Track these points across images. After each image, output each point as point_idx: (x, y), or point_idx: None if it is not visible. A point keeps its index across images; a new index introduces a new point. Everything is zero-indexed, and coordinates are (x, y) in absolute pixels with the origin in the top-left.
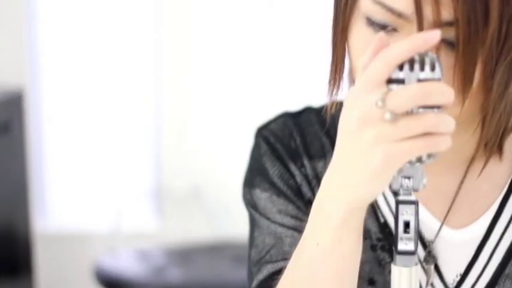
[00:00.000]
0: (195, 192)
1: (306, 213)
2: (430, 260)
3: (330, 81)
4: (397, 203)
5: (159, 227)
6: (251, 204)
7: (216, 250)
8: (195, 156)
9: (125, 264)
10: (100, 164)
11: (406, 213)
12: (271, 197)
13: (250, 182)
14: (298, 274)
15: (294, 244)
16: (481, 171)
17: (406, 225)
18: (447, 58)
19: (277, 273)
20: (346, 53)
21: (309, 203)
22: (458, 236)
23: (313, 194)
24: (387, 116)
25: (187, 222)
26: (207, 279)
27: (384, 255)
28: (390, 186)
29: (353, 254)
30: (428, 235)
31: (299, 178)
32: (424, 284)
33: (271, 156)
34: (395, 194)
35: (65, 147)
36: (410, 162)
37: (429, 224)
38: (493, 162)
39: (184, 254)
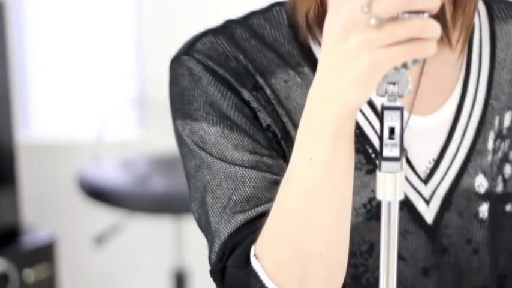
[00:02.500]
0: None
1: (264, 144)
2: (402, 152)
3: None
4: (382, 109)
5: (142, 136)
6: (194, 140)
7: None
8: None
9: (109, 174)
10: (83, 73)
11: (391, 120)
12: (223, 131)
13: (188, 115)
14: (292, 200)
15: (257, 187)
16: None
17: (391, 131)
18: None
19: (249, 223)
20: None
21: (267, 130)
22: (428, 122)
23: (275, 117)
24: (372, 21)
25: (170, 132)
26: None
27: (359, 157)
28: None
29: (347, 168)
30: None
31: (255, 103)
32: None
33: (215, 83)
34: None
35: (47, 57)
36: (395, 68)
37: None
38: (446, 46)
39: (168, 163)
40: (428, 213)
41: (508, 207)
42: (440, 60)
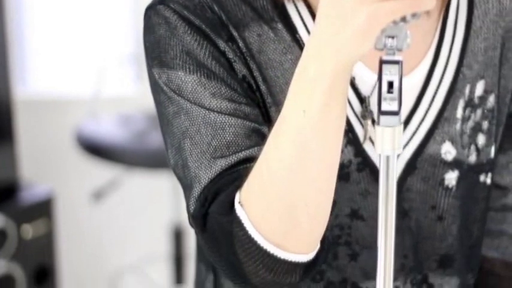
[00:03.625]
0: None
1: (241, 93)
2: (367, 114)
3: None
4: (381, 63)
5: (139, 92)
6: (171, 88)
7: None
8: None
9: (106, 129)
10: (80, 29)
11: (390, 73)
12: (200, 80)
13: (165, 64)
14: (282, 151)
15: (237, 133)
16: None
17: (390, 85)
18: None
19: (231, 169)
20: None
21: (243, 80)
22: None
23: (248, 69)
24: None
25: None
26: None
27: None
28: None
29: (339, 123)
30: (365, 90)
31: (231, 54)
32: (361, 139)
33: (192, 32)
34: None
35: (44, 12)
36: (394, 22)
37: (366, 78)
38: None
39: None
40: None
41: (481, 177)
42: (415, 25)
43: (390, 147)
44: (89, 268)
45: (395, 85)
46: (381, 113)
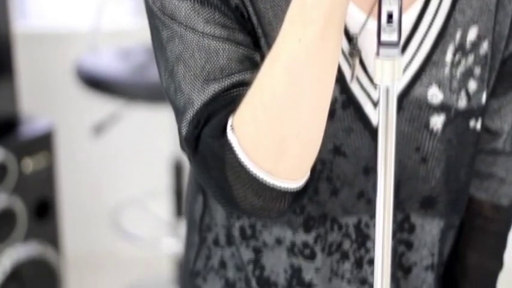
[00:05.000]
0: None
1: (234, 21)
2: (355, 53)
3: None
4: None
5: (139, 25)
6: (166, 13)
7: None
8: None
9: (106, 63)
10: None
11: (390, 4)
12: (193, 6)
13: None
14: (276, 80)
15: (230, 58)
16: None
17: (390, 16)
18: None
19: (224, 92)
20: None
21: (236, 10)
22: None
23: (241, 0)
24: None
25: None
26: None
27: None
28: None
29: (334, 55)
30: (353, 28)
31: None
32: (349, 78)
33: None
34: None
35: None
36: None
37: (355, 16)
38: None
39: None
40: (375, 116)
41: (471, 123)
42: None
43: (390, 79)
44: (89, 201)
45: (395, 16)
46: (381, 44)
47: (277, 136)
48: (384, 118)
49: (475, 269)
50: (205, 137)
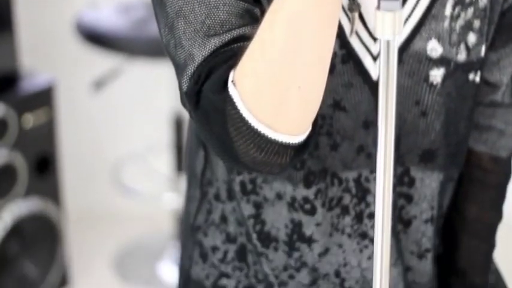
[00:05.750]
0: None
1: None
2: (355, 7)
3: None
4: None
5: None
6: None
7: None
8: None
9: (107, 18)
10: None
11: None
12: None
13: None
14: (277, 33)
15: (230, 12)
16: None
17: None
18: None
19: (224, 47)
20: None
21: None
22: None
23: None
24: None
25: None
26: None
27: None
28: None
29: (335, 8)
30: None
31: None
32: (348, 32)
33: None
34: None
35: None
36: None
37: None
38: None
39: None
40: (375, 70)
41: (471, 76)
42: None
43: (391, 32)
44: (90, 157)
45: None
46: None
47: (278, 90)
48: (384, 72)
49: (474, 221)
50: (206, 92)
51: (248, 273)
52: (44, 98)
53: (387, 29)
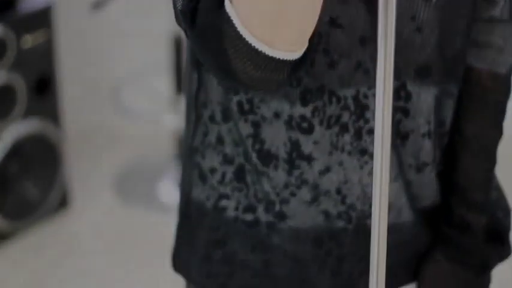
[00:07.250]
0: None
1: None
2: None
3: None
4: None
5: None
6: None
7: None
8: None
9: None
10: None
11: None
12: None
13: None
14: None
15: None
16: None
17: None
18: None
19: None
20: None
21: None
22: None
23: None
24: None
25: None
26: None
27: None
28: None
29: None
30: None
31: None
32: None
33: None
34: None
35: None
36: None
37: None
38: None
39: None
40: None
41: None
42: None
43: None
44: (89, 77)
45: None
46: None
47: (274, 6)
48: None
49: (475, 139)
50: (202, 10)
51: (248, 194)
52: (43, 19)
53: None
